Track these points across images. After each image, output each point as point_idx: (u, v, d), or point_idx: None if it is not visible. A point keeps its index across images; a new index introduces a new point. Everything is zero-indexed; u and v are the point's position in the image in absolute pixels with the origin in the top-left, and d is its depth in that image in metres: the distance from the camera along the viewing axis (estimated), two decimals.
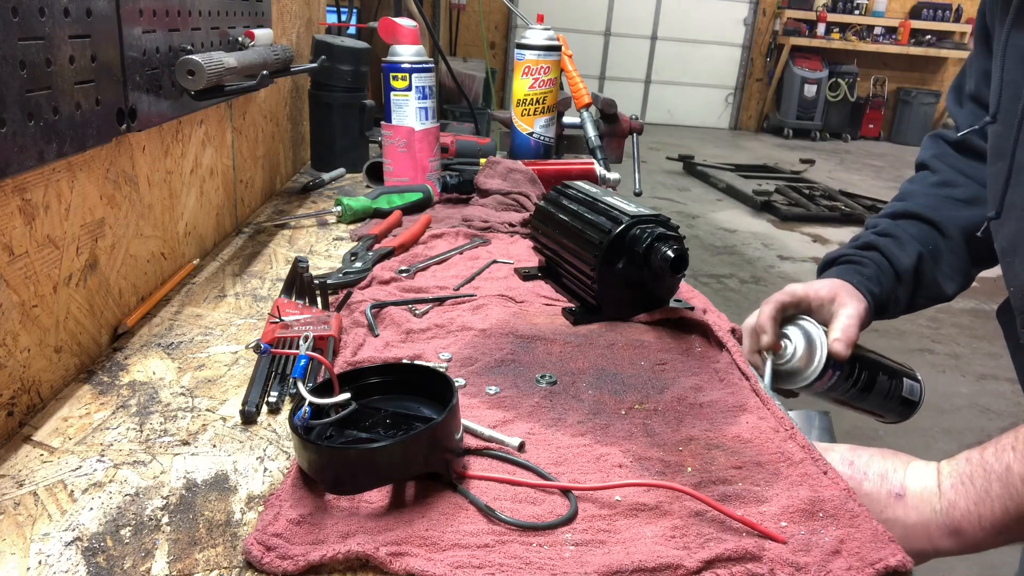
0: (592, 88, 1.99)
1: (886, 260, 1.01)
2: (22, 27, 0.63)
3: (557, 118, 1.76)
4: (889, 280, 1.00)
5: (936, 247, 1.02)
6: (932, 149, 1.11)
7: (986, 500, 0.70)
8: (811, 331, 0.96)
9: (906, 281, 1.01)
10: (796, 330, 0.97)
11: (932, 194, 1.06)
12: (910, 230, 1.03)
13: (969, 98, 1.04)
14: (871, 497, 0.76)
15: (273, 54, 1.19)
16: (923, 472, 0.76)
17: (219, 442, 0.68)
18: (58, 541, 0.55)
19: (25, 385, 0.69)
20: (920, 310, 1.06)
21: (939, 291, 1.03)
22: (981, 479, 0.71)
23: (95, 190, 0.80)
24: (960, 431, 3.05)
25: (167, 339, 0.87)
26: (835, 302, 0.97)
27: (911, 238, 1.02)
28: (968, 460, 0.73)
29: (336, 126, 1.66)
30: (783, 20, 9.80)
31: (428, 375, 0.69)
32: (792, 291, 0.99)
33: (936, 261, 1.01)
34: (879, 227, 1.06)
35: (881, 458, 0.78)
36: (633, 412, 0.75)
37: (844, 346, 0.93)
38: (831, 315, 0.97)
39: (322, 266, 1.12)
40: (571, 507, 0.59)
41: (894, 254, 1.01)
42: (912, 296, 1.03)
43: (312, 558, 0.52)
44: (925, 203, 1.05)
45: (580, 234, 0.97)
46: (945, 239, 1.02)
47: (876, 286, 0.99)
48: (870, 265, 1.01)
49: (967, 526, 0.71)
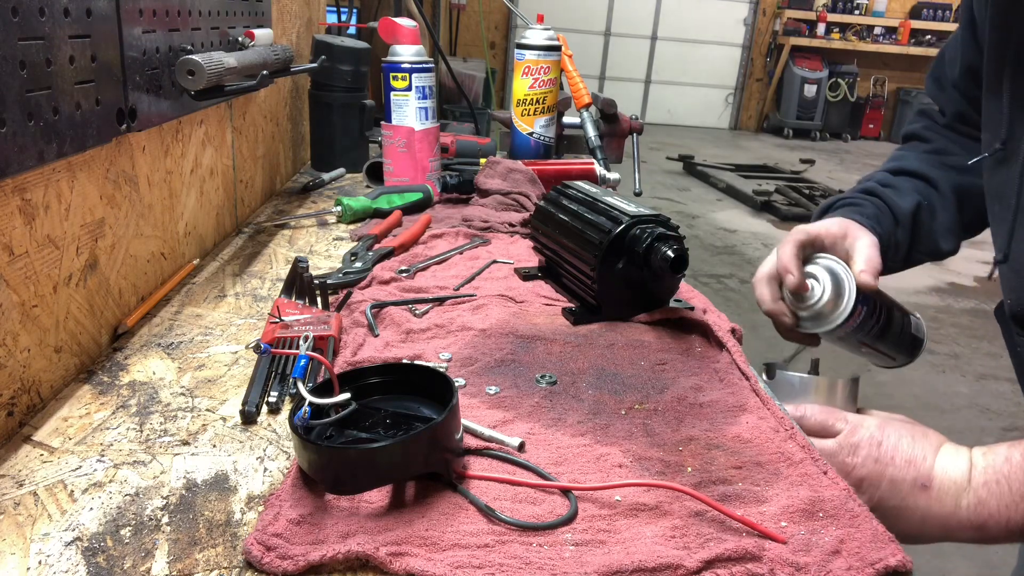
0: (592, 88, 1.99)
1: (885, 204, 0.99)
2: (22, 27, 0.63)
3: (557, 118, 1.76)
4: (889, 222, 0.98)
5: (931, 202, 1.00)
6: (922, 122, 1.10)
7: (1020, 505, 0.69)
8: (835, 267, 0.90)
9: (904, 225, 0.98)
10: (818, 268, 0.91)
11: (926, 159, 1.05)
12: (907, 184, 1.01)
13: (952, 85, 1.03)
14: (895, 483, 0.74)
15: (273, 54, 1.19)
16: (954, 461, 0.74)
17: (219, 442, 0.68)
18: (58, 541, 0.55)
19: (25, 385, 0.69)
20: (916, 265, 1.04)
21: (935, 246, 1.01)
22: (1020, 483, 0.69)
23: (95, 190, 0.80)
24: (960, 431, 3.05)
25: (167, 339, 0.87)
26: (848, 237, 0.92)
27: (910, 189, 1.00)
28: (1008, 460, 0.71)
29: (336, 126, 1.66)
30: (783, 20, 9.80)
31: (428, 375, 0.69)
32: (804, 230, 0.94)
33: (932, 215, 1.00)
34: (876, 178, 1.04)
35: (911, 439, 0.76)
36: (633, 412, 0.75)
37: (871, 276, 0.87)
38: (846, 251, 0.92)
39: (322, 266, 1.12)
40: (571, 507, 0.59)
41: (893, 200, 0.99)
42: (910, 245, 1.00)
43: (312, 558, 0.52)
44: (919, 164, 1.03)
45: (580, 234, 0.97)
46: (940, 196, 1.00)
47: (878, 225, 0.96)
48: (869, 207, 0.98)
49: (992, 526, 0.70)
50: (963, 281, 4.99)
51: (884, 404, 1.39)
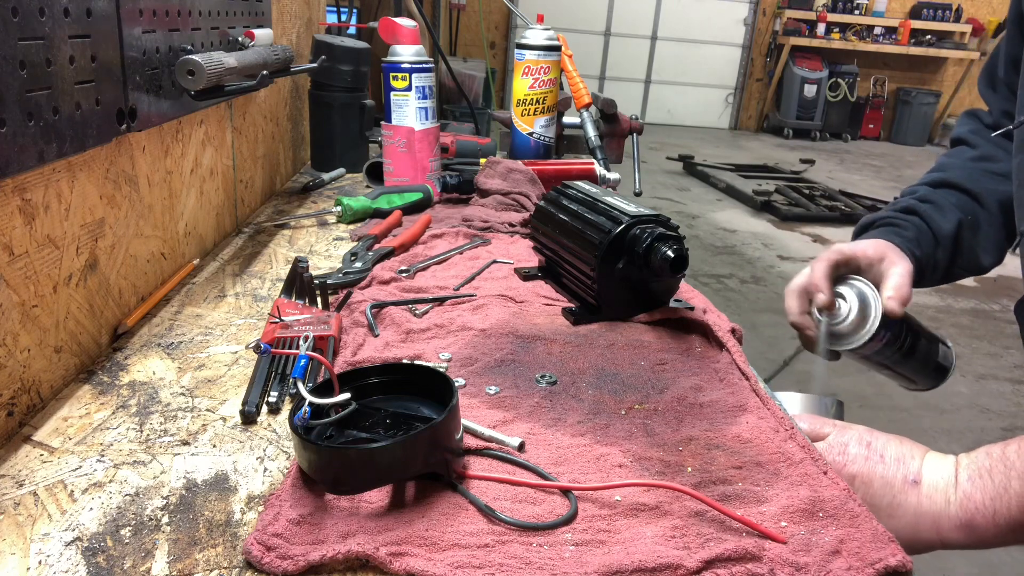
0: (592, 88, 1.99)
1: (926, 224, 0.99)
2: (22, 27, 0.63)
3: (557, 118, 1.76)
4: (929, 244, 0.98)
5: (975, 217, 1.00)
6: (969, 125, 1.10)
7: (1003, 496, 0.69)
8: (864, 290, 0.94)
9: (945, 246, 0.99)
10: (848, 289, 0.95)
11: (971, 167, 1.04)
12: (950, 199, 1.01)
13: (1003, 82, 1.03)
14: (886, 480, 0.75)
15: (273, 54, 1.19)
16: (941, 463, 0.75)
17: (219, 442, 0.68)
18: (58, 541, 0.55)
19: (25, 385, 0.69)
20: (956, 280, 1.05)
21: (976, 262, 1.02)
22: (1001, 475, 0.70)
23: (95, 190, 0.80)
24: (960, 431, 3.05)
25: (167, 339, 0.87)
26: (884, 261, 0.94)
27: (951, 205, 1.00)
28: (988, 454, 0.72)
29: (336, 126, 1.66)
30: (783, 20, 9.80)
31: (428, 375, 0.69)
32: (840, 250, 0.96)
33: (974, 231, 1.00)
34: (918, 193, 1.04)
35: (898, 443, 0.77)
36: (633, 412, 0.75)
37: (899, 304, 0.90)
38: (880, 274, 0.94)
39: (322, 266, 1.12)
40: (571, 507, 0.59)
41: (934, 219, 0.99)
42: (950, 263, 1.01)
43: (312, 558, 0.52)
44: (964, 175, 1.03)
45: (580, 234, 0.97)
46: (984, 210, 1.00)
47: (917, 248, 0.97)
48: (910, 228, 0.99)
49: (980, 520, 0.70)
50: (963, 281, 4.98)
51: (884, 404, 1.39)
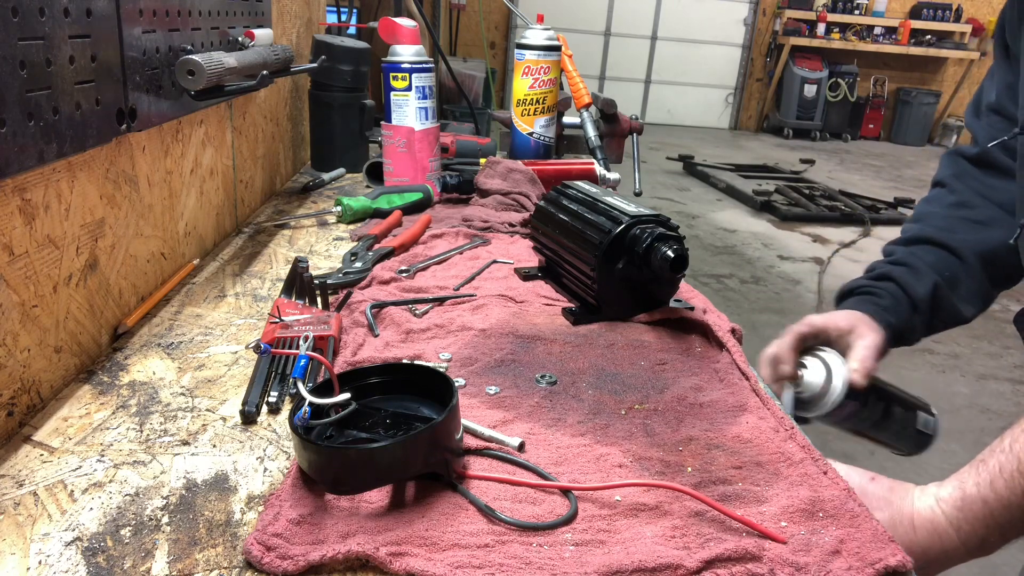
0: (592, 88, 1.99)
1: (902, 290, 1.02)
2: (22, 27, 0.63)
3: (557, 118, 1.76)
4: (905, 310, 1.01)
5: (953, 273, 1.02)
6: (950, 168, 1.11)
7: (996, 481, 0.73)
8: (830, 361, 0.97)
9: (922, 310, 1.02)
10: (815, 360, 0.99)
11: (948, 215, 1.06)
12: (926, 258, 1.03)
13: (989, 111, 1.04)
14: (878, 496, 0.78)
15: (273, 54, 1.19)
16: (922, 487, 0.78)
17: (219, 442, 0.68)
18: (58, 541, 0.55)
19: (25, 385, 0.69)
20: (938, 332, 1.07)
21: (957, 315, 1.04)
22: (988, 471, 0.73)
23: (95, 190, 0.80)
24: (960, 431, 3.05)
25: (167, 339, 0.87)
26: (853, 333, 0.98)
27: (927, 267, 1.02)
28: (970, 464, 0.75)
29: (336, 126, 1.66)
30: (783, 20, 9.79)
31: (428, 375, 0.69)
32: (811, 322, 1.00)
33: (953, 287, 1.02)
34: (894, 255, 1.06)
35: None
36: (633, 412, 0.75)
37: (861, 376, 0.94)
38: (849, 346, 0.98)
39: (322, 266, 1.12)
40: (571, 507, 0.59)
41: (910, 284, 1.01)
42: (929, 323, 1.03)
43: (312, 558, 0.52)
44: (941, 225, 1.05)
45: (580, 234, 0.97)
46: (963, 264, 1.02)
47: (893, 316, 1.00)
48: (886, 296, 1.02)
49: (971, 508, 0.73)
50: None
51: None
